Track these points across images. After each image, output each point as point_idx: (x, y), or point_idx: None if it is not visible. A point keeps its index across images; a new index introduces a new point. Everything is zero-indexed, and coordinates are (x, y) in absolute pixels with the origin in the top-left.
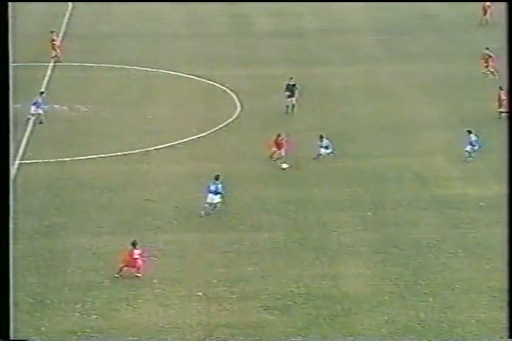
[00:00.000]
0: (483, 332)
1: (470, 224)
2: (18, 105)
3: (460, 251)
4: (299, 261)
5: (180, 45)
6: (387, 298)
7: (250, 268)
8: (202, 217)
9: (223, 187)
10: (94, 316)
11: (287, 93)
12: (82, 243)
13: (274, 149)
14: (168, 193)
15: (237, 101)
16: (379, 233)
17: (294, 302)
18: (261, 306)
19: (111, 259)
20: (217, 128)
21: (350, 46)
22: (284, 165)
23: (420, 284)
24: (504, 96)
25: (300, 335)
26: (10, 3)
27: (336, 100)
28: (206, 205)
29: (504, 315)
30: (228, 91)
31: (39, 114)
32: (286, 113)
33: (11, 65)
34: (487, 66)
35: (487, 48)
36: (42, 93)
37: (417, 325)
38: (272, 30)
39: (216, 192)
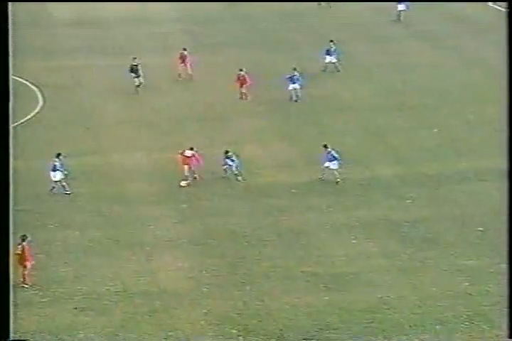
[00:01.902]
0: (298, 317)
1: (283, 211)
2: None
3: (274, 239)
4: (115, 258)
5: None
6: (205, 289)
7: (63, 269)
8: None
9: (62, 165)
10: None
11: (132, 74)
12: None
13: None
14: None
15: (39, 94)
16: (195, 225)
17: (111, 301)
18: (75, 308)
19: None
20: (17, 123)
21: (156, 36)
22: (183, 183)
23: (237, 274)
24: (243, 77)
25: (118, 334)
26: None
27: (147, 91)
28: (54, 185)
29: (316, 299)
30: (28, 84)
31: None
32: (135, 94)
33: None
34: (184, 65)
35: (184, 49)
36: None
37: (235, 315)
38: (71, 19)
39: (54, 169)
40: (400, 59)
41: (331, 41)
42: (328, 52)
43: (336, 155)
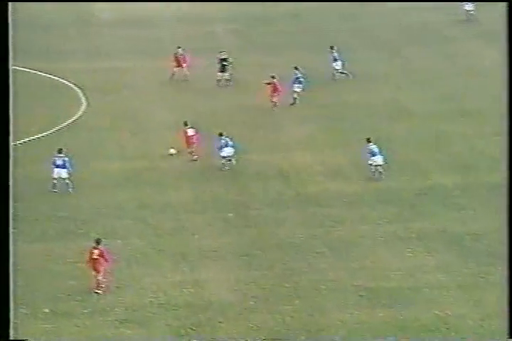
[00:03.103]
0: (350, 334)
1: (334, 221)
2: None
3: (325, 250)
4: (158, 268)
5: (12, 34)
6: (252, 303)
7: (104, 279)
8: (55, 191)
9: (70, 162)
10: None
11: (218, 66)
12: None
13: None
14: None
15: (82, 97)
16: (242, 235)
17: (153, 314)
18: (116, 320)
19: None
20: (60, 127)
21: (203, 36)
22: (172, 151)
23: (286, 287)
24: (274, 85)
25: None
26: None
27: (194, 94)
28: (54, 181)
29: (369, 315)
30: (72, 86)
31: None
32: (218, 86)
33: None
34: (179, 66)
35: (179, 47)
36: None
37: (284, 330)
38: (116, 19)
39: (63, 166)
40: (462, 61)
41: (331, 48)
42: (335, 59)
43: (378, 150)
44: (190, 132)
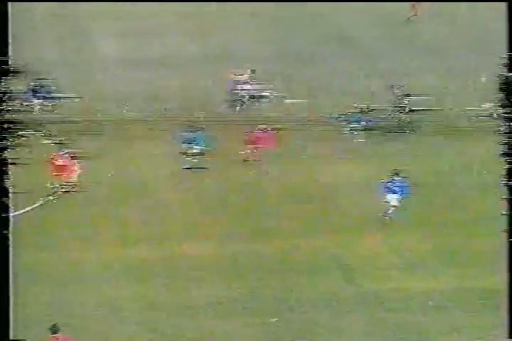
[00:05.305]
0: None
1: (415, 332)
2: None
3: None
4: None
5: None
6: None
7: None
8: None
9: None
10: None
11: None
12: None
13: None
14: None
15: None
16: None
17: None
18: None
19: None
20: (45, 200)
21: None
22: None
23: None
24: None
25: None
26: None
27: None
28: None
29: None
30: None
31: None
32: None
33: None
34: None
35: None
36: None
37: None
38: (125, 57)
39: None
40: None
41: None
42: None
43: (398, 187)
44: (60, 161)
